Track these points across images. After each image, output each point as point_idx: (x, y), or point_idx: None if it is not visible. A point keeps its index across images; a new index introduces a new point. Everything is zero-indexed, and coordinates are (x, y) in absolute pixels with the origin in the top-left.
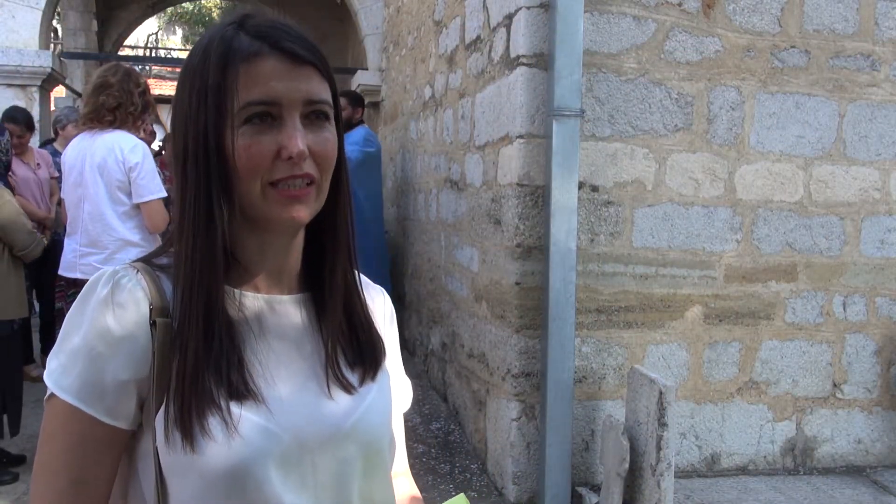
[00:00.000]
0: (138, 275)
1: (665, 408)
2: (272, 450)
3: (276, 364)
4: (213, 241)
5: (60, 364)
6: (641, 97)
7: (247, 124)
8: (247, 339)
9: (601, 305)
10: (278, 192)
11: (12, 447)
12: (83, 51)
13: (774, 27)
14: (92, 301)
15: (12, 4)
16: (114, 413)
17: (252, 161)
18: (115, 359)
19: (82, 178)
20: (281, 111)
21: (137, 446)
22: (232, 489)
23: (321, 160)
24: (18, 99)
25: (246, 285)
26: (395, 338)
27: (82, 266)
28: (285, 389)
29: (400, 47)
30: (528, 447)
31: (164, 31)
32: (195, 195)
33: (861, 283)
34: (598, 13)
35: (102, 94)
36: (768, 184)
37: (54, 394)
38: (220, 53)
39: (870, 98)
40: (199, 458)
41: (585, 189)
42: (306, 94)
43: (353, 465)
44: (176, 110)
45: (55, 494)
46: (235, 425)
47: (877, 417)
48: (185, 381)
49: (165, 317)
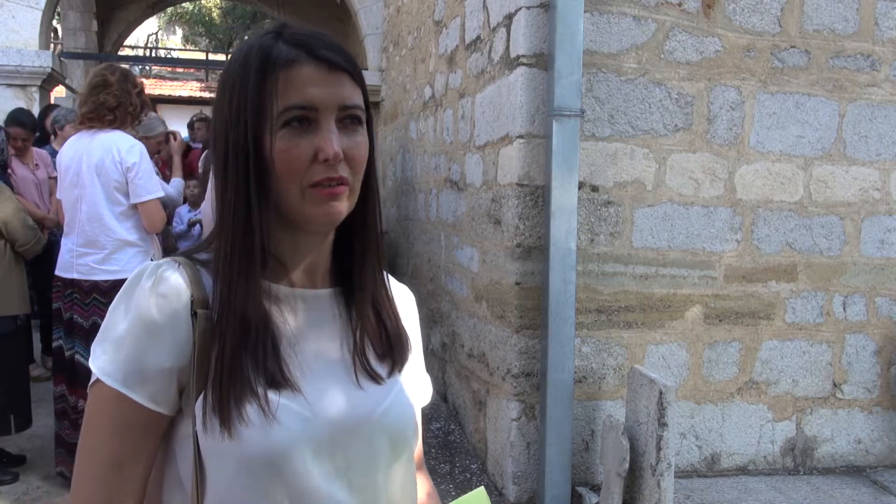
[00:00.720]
0: (180, 268)
1: (665, 408)
2: (307, 436)
3: (309, 354)
4: (251, 240)
5: (105, 352)
6: (641, 97)
7: (285, 128)
8: (282, 331)
9: (601, 305)
10: (317, 190)
11: (11, 447)
12: (83, 51)
13: (774, 27)
14: (136, 292)
15: (12, 4)
16: (156, 399)
17: (290, 164)
18: (158, 347)
19: (79, 178)
20: (317, 115)
21: (176, 432)
22: (268, 473)
23: (354, 163)
24: (18, 99)
25: (282, 280)
26: (418, 335)
27: (79, 266)
28: (319, 379)
29: (400, 47)
30: (529, 447)
31: (164, 31)
32: (235, 196)
33: (861, 282)
34: (598, 13)
35: (102, 93)
36: (768, 184)
37: (99, 380)
38: (260, 61)
39: (870, 98)
40: (237, 444)
41: (585, 189)
42: (341, 99)
43: (381, 452)
44: (217, 116)
45: (98, 477)
46: (273, 412)
47: (877, 417)
48: (224, 369)
49: (205, 308)
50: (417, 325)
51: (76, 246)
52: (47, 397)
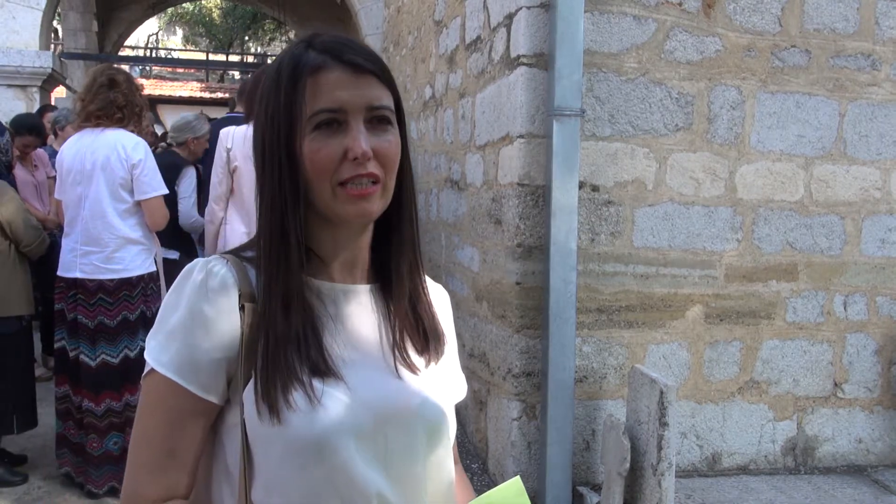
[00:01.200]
0: (228, 264)
1: (666, 407)
2: (350, 422)
3: (350, 346)
4: (289, 238)
5: (159, 343)
6: (642, 97)
7: (316, 130)
8: (324, 323)
9: (602, 305)
10: (346, 190)
11: (12, 447)
12: (83, 51)
13: (775, 27)
14: (188, 286)
15: (13, 5)
16: (207, 388)
17: (321, 163)
18: (209, 338)
19: (83, 176)
20: (346, 117)
21: (224, 422)
22: (313, 458)
23: (384, 160)
24: (19, 99)
25: (322, 275)
26: (453, 334)
27: (82, 265)
28: (360, 368)
29: (400, 47)
30: (529, 447)
31: (165, 31)
32: (272, 197)
33: (862, 282)
34: (599, 13)
35: (111, 91)
36: (769, 183)
37: (153, 370)
38: (291, 68)
39: (870, 97)
40: (284, 429)
41: (586, 189)
42: (368, 101)
43: (419, 442)
44: (255, 123)
45: (152, 464)
46: (318, 398)
47: (878, 417)
48: (270, 359)
49: (251, 302)
50: (452, 323)
51: (79, 245)
52: (48, 397)
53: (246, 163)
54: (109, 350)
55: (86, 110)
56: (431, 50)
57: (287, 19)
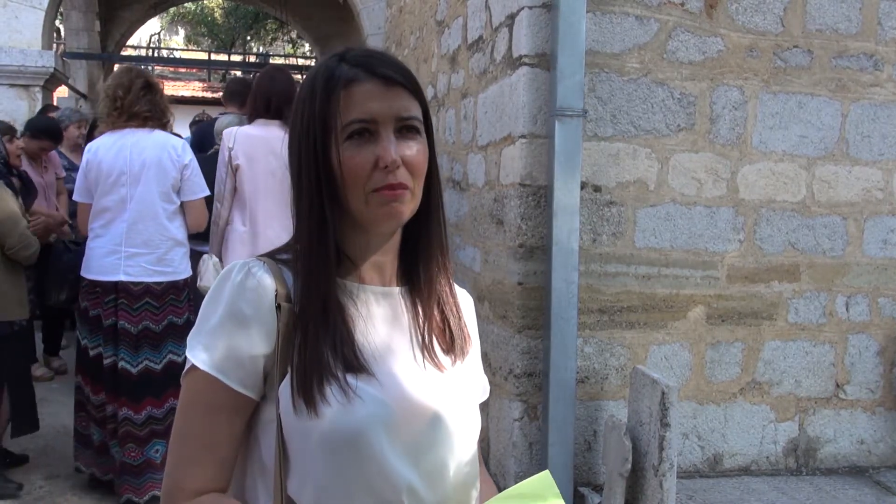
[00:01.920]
0: (265, 266)
1: (667, 408)
2: (383, 416)
3: (381, 345)
4: (325, 241)
5: (201, 342)
6: (644, 97)
7: (349, 140)
8: (356, 322)
9: (603, 305)
10: (379, 193)
11: (14, 446)
12: (86, 51)
13: (777, 27)
14: (227, 287)
15: (15, 5)
16: (246, 384)
17: (354, 171)
18: (248, 336)
19: (127, 177)
20: (377, 127)
21: (260, 417)
22: (347, 450)
23: (412, 168)
24: (21, 99)
25: (353, 277)
26: (476, 336)
27: (128, 268)
28: (390, 366)
29: (402, 47)
30: (531, 447)
31: (167, 31)
32: (309, 204)
33: (864, 283)
34: (601, 13)
35: (154, 94)
36: (771, 184)
37: (193, 367)
38: (325, 81)
39: (873, 98)
40: (319, 423)
41: (588, 189)
42: (398, 112)
43: (445, 438)
44: (291, 133)
45: (193, 458)
46: (353, 392)
47: (879, 418)
48: (307, 355)
49: (288, 302)
50: (475, 326)
51: (122, 247)
52: (50, 397)
53: (248, 162)
54: (153, 356)
55: (129, 111)
56: (433, 50)
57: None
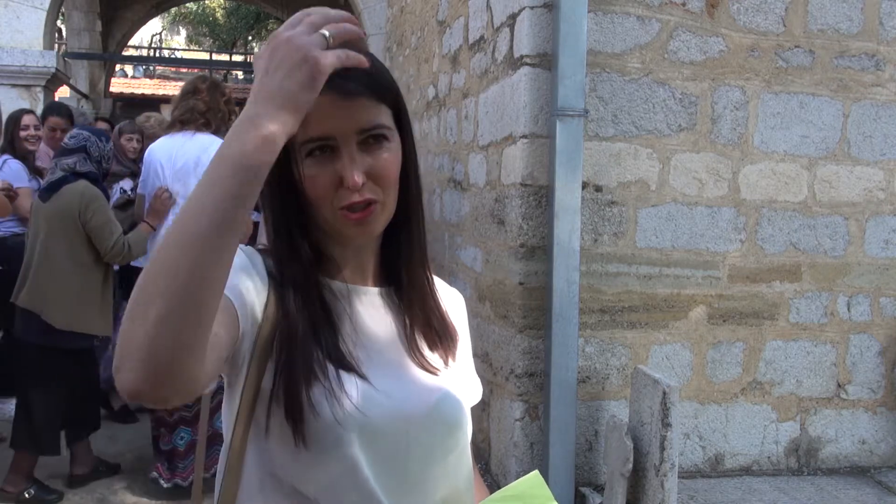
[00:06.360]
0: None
1: (669, 408)
2: (374, 414)
3: (367, 345)
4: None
5: None
6: (645, 97)
7: (309, 157)
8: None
9: (605, 305)
10: (346, 215)
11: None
12: (87, 51)
13: (778, 27)
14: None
15: (17, 5)
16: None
17: (318, 190)
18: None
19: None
20: (337, 143)
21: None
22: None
23: (380, 180)
24: (23, 99)
25: (336, 277)
26: (467, 337)
27: None
28: (378, 367)
29: (403, 47)
30: (532, 447)
31: (168, 31)
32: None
33: (865, 283)
34: (602, 13)
35: (192, 98)
36: (772, 184)
37: None
38: None
39: (874, 98)
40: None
41: (589, 189)
42: (358, 125)
43: (437, 440)
44: None
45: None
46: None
47: (881, 418)
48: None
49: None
50: (467, 326)
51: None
52: None
53: None
54: None
55: (171, 116)
56: (435, 50)
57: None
